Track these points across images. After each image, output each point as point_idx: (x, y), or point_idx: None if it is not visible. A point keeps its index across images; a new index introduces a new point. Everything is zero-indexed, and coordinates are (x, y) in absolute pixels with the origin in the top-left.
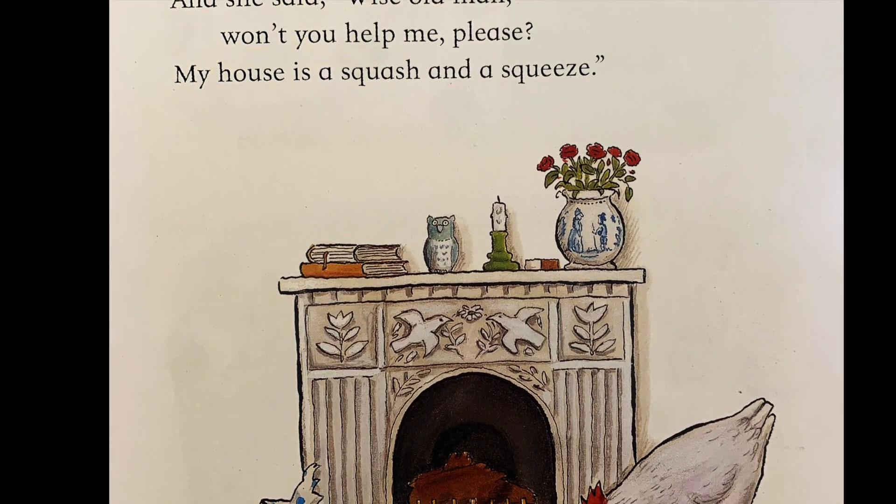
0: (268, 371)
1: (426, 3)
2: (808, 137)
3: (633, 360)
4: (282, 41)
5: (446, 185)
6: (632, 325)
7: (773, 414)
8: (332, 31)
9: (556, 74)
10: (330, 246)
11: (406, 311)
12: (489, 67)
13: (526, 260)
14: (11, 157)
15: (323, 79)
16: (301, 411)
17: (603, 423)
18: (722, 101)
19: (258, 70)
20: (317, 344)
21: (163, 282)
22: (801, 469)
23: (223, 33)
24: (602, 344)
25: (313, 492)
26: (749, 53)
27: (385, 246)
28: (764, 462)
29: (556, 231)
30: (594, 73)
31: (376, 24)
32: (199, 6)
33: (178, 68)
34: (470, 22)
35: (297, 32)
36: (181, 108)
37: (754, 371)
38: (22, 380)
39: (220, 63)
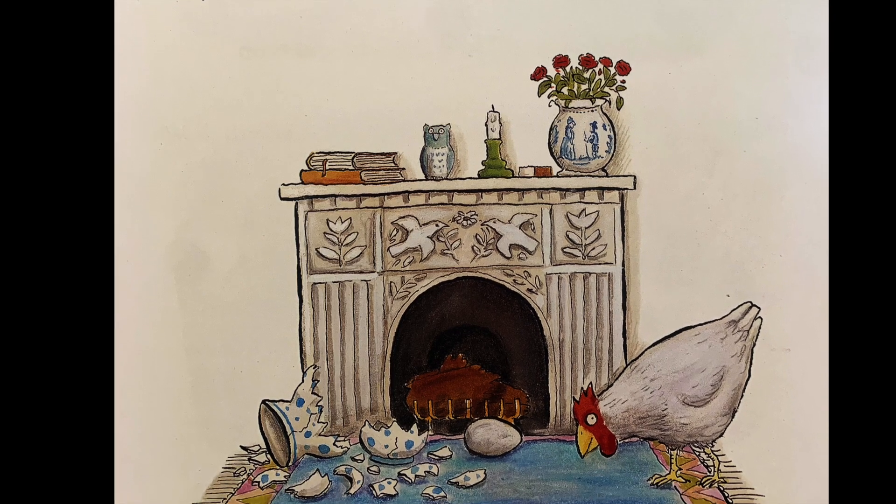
0: (268, 275)
1: None
2: (794, 47)
3: (623, 265)
4: None
5: (442, 95)
6: (622, 230)
7: (759, 317)
8: None
9: None
10: (329, 153)
11: (403, 217)
12: None
13: (519, 167)
14: (17, 69)
15: None
16: (301, 314)
17: (594, 325)
18: (710, 13)
19: None
20: (316, 249)
21: (166, 188)
22: (787, 370)
23: None
24: (594, 249)
25: (313, 392)
26: None
27: (383, 153)
28: (751, 363)
29: (549, 139)
30: None
31: None
32: None
33: None
34: None
35: None
36: (184, 19)
37: (742, 275)
38: (29, 283)
39: None
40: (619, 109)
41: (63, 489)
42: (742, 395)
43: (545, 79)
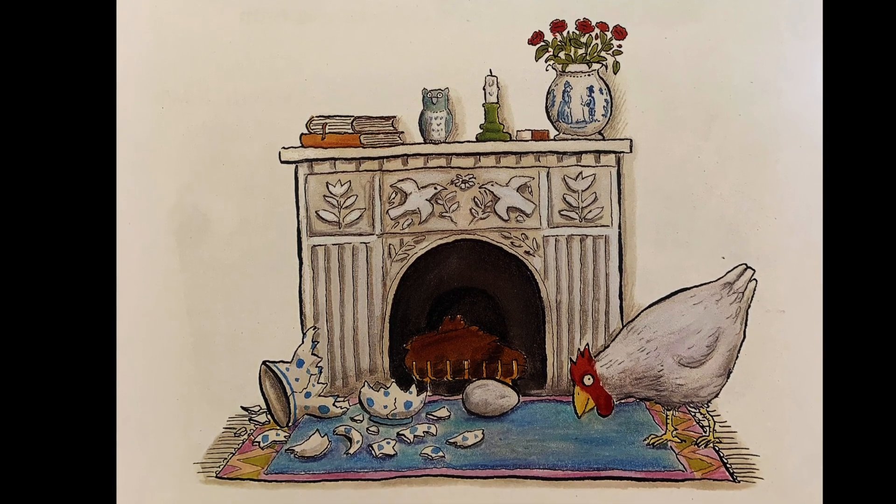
0: (269, 237)
1: None
2: (788, 12)
3: (620, 227)
4: None
5: (440, 59)
6: (619, 193)
7: (754, 279)
8: None
9: None
10: (329, 117)
11: (402, 180)
12: None
13: (517, 130)
14: (19, 33)
15: None
16: (301, 276)
17: (591, 287)
18: None
19: None
20: (316, 211)
21: (168, 151)
22: (781, 331)
23: None
24: (590, 211)
25: (312, 354)
26: None
27: (382, 117)
28: (746, 325)
29: (547, 103)
30: None
31: None
32: None
33: None
34: None
35: None
36: None
37: (737, 237)
38: (32, 245)
39: None
40: (615, 73)
41: (66, 449)
42: (737, 357)
43: (542, 43)
